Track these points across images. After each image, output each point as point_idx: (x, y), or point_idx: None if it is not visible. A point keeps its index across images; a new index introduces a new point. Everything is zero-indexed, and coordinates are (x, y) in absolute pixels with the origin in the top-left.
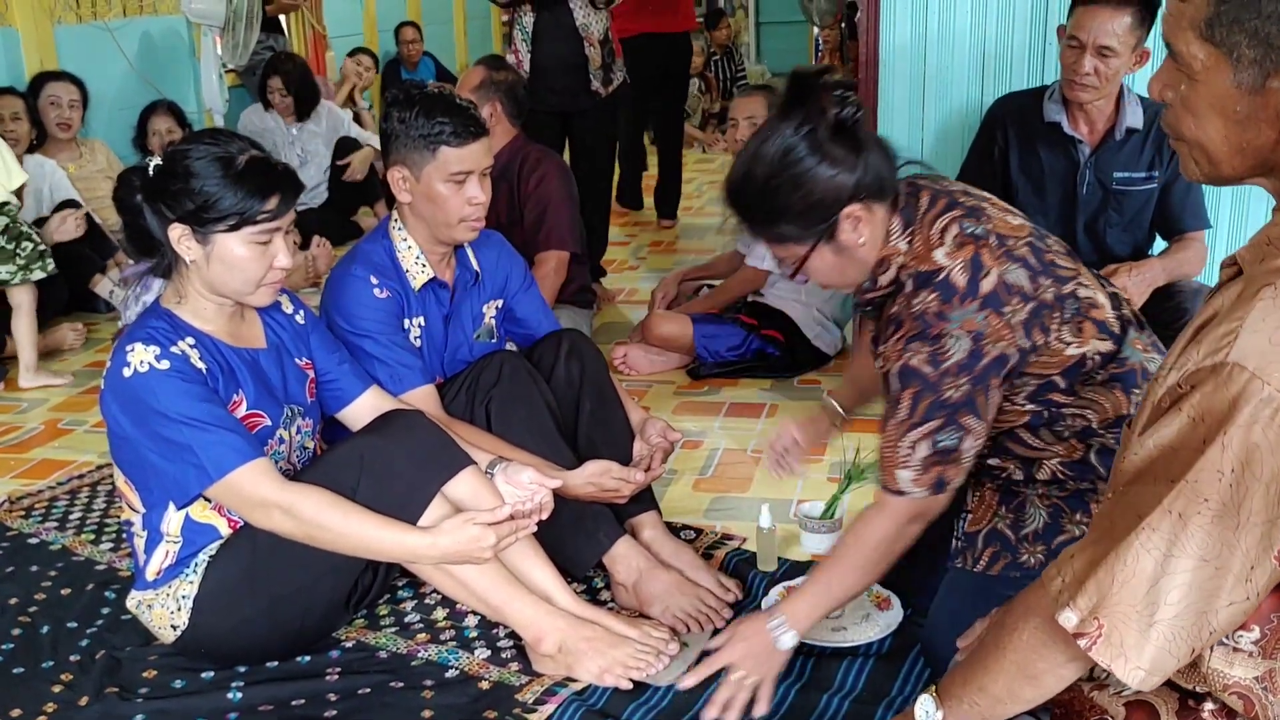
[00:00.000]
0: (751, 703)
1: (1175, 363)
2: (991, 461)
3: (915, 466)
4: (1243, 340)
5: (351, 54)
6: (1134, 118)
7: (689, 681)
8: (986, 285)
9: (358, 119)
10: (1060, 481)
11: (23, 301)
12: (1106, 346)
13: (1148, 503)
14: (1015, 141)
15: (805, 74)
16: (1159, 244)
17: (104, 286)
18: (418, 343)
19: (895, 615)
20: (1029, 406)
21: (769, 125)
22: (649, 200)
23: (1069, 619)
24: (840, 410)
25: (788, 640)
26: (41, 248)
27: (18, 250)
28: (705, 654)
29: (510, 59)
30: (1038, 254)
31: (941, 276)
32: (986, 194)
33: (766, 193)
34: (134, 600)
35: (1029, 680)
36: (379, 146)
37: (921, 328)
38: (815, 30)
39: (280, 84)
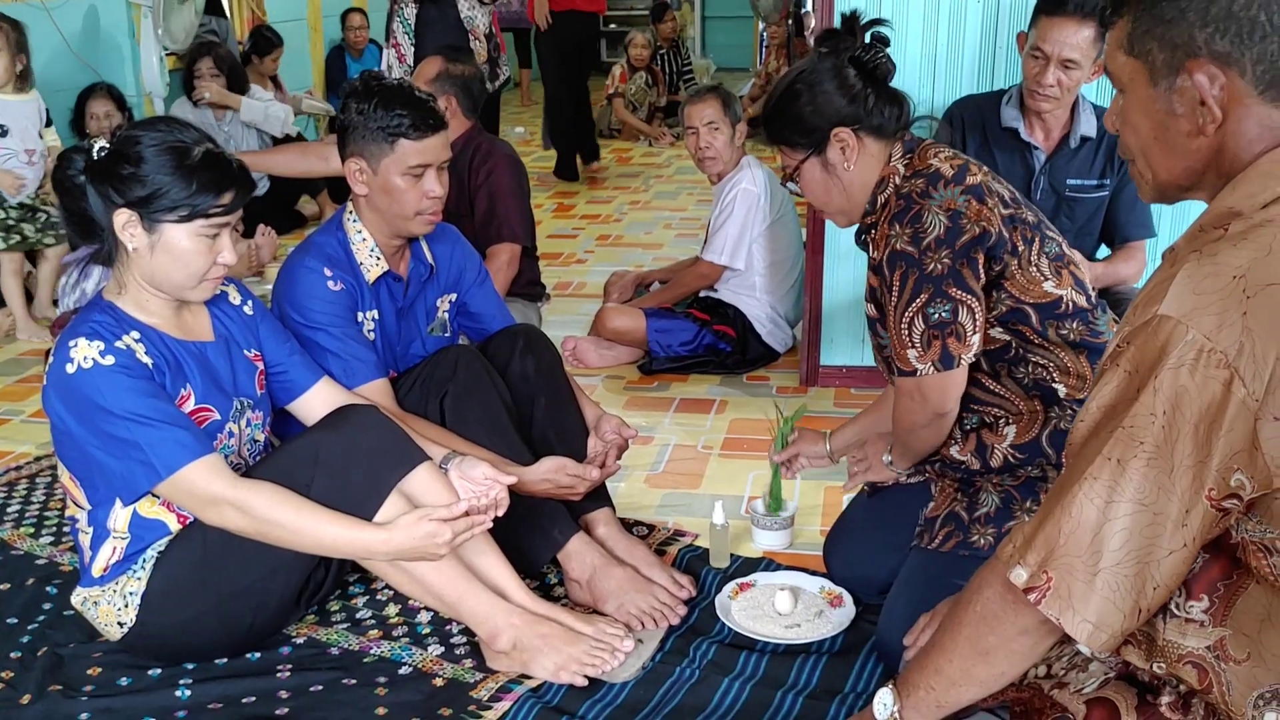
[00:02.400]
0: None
1: (1117, 334)
2: (953, 451)
3: (916, 343)
4: (1170, 295)
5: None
6: (1088, 126)
7: None
8: (972, 180)
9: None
10: (1012, 468)
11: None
12: (1082, 301)
13: (1091, 458)
14: (972, 143)
15: (854, 16)
16: (1104, 252)
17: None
18: (371, 336)
19: (848, 612)
20: (999, 331)
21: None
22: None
23: (1019, 575)
24: (829, 452)
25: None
26: (54, 220)
27: (32, 219)
28: (660, 650)
29: (390, 53)
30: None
31: (932, 170)
32: None
33: (782, 97)
34: (79, 597)
35: (981, 657)
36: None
37: (904, 205)
38: (761, 26)
39: (211, 65)
